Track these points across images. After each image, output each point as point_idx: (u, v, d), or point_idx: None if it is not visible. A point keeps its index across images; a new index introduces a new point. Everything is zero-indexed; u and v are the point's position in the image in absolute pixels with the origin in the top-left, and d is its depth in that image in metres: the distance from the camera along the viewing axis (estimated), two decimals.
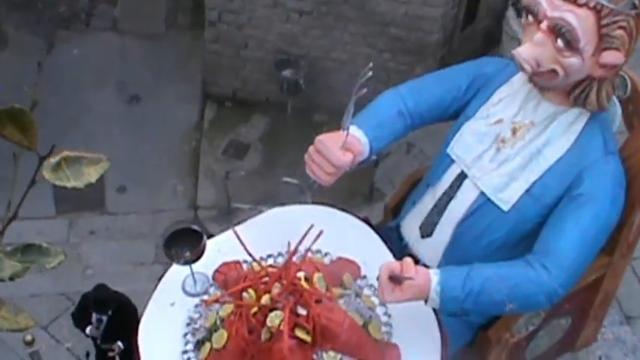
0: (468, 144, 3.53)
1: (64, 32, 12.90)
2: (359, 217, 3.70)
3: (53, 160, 1.80)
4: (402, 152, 11.59)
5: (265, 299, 3.17)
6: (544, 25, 3.02)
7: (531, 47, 3.04)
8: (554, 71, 3.11)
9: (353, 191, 10.99)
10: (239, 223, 3.79)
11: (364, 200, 11.31)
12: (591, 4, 2.93)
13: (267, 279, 3.25)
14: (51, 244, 1.85)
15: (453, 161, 3.61)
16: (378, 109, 3.64)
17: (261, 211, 10.61)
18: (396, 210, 4.14)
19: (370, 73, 3.33)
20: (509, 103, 3.47)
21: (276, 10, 11.33)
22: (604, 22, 2.94)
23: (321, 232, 3.16)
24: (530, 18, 3.14)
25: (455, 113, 3.67)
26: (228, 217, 10.11)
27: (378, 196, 11.55)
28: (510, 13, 11.84)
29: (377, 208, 11.56)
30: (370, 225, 3.68)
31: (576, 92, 3.17)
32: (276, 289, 3.19)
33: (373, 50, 11.25)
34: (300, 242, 3.14)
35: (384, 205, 4.35)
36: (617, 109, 3.53)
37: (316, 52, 11.54)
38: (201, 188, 9.57)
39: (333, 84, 11.74)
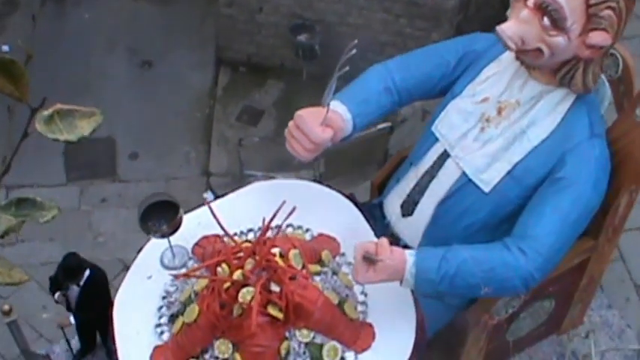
0: (452, 122, 3.43)
1: None
2: (344, 194, 3.66)
3: (46, 112, 1.77)
4: (417, 119, 11.54)
5: (237, 275, 3.14)
6: (531, 2, 2.94)
7: (517, 24, 2.96)
8: (539, 50, 3.01)
9: (367, 158, 10.97)
10: (219, 197, 3.75)
11: (379, 167, 11.25)
12: None
13: (241, 254, 3.21)
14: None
15: (437, 140, 3.51)
16: (364, 85, 3.53)
17: (273, 178, 10.61)
18: (382, 187, 4.09)
19: (354, 51, 3.27)
20: (496, 81, 3.38)
21: None
22: (592, 1, 2.88)
23: (294, 209, 3.10)
24: None
25: (443, 90, 3.56)
26: (241, 183, 10.07)
27: None
28: None
29: None
30: (355, 202, 3.64)
31: (562, 72, 3.09)
32: (249, 264, 3.15)
33: (389, 15, 11.19)
34: (273, 218, 3.09)
35: (371, 181, 4.30)
36: (607, 90, 3.46)
37: (332, 17, 11.58)
38: (214, 155, 9.55)
39: None
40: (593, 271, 4.23)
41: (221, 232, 3.29)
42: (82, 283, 5.74)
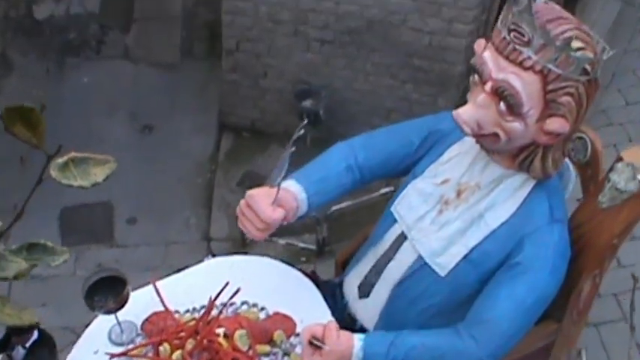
0: (411, 203, 3.43)
1: (74, 59, 13.02)
2: (304, 272, 3.62)
3: (61, 159, 1.77)
4: None
5: (177, 355, 3.09)
6: (488, 86, 2.90)
7: (473, 109, 2.93)
8: (496, 135, 2.97)
9: (370, 222, 10.86)
10: (169, 275, 3.71)
11: None
12: (537, 68, 2.78)
13: (183, 334, 3.16)
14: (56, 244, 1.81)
15: (395, 221, 3.51)
16: (325, 162, 3.55)
17: (275, 244, 10.53)
18: (347, 264, 4.06)
19: (302, 131, 3.30)
20: (458, 162, 3.36)
21: (297, 38, 11.36)
22: (550, 87, 2.81)
23: (238, 290, 3.07)
24: (477, 77, 3.05)
25: (406, 169, 3.57)
26: (242, 249, 10.05)
27: None
28: None
29: None
30: (316, 280, 3.60)
31: (521, 157, 3.07)
32: (190, 344, 3.10)
33: (396, 81, 11.23)
34: (217, 297, 3.04)
35: (335, 259, 4.28)
36: (572, 175, 3.44)
37: (338, 83, 11.49)
38: (215, 220, 9.51)
39: (355, 115, 11.80)
40: (558, 355, 4.16)
41: (173, 308, 3.25)
42: (28, 344, 5.67)
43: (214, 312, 3.16)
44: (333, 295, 3.80)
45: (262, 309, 3.47)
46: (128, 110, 12.06)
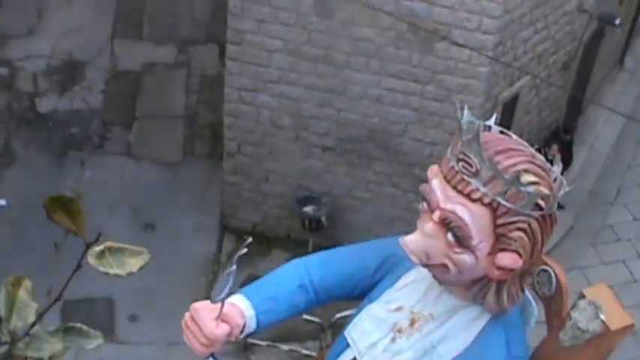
0: (365, 329, 3.29)
1: (76, 153, 13.39)
2: None
3: (98, 248, 2.00)
4: None
5: None
6: (436, 216, 2.74)
7: (421, 238, 2.80)
8: (445, 265, 2.84)
9: None
10: None
11: None
12: (486, 201, 2.64)
13: None
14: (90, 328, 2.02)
15: (348, 345, 3.49)
16: (279, 280, 3.39)
17: (278, 349, 10.60)
18: None
19: (245, 250, 3.26)
20: (412, 289, 3.21)
21: (298, 144, 11.64)
22: (500, 221, 2.67)
23: None
24: (426, 205, 2.78)
25: (363, 293, 3.41)
26: (244, 352, 10.14)
27: None
28: None
29: None
30: None
31: (474, 290, 2.93)
32: None
33: (397, 190, 11.51)
34: None
35: None
36: (534, 310, 3.26)
37: (339, 190, 11.83)
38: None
39: (356, 223, 12.16)
40: None
41: None
42: None
43: None
44: None
45: None
46: (130, 207, 12.29)
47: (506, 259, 2.70)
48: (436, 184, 2.75)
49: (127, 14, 14.14)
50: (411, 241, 2.80)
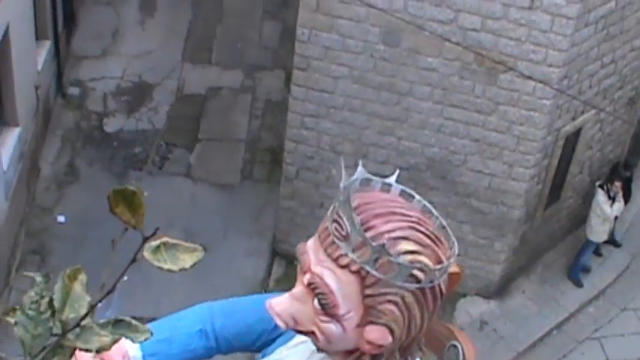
0: None
1: (137, 173, 13.59)
2: None
3: (154, 243, 1.90)
4: (474, 329, 11.42)
5: None
6: (305, 278, 2.46)
7: (289, 301, 2.50)
8: (314, 333, 2.57)
9: None
10: None
11: None
12: (354, 268, 2.35)
13: None
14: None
15: None
16: (178, 322, 3.18)
17: None
18: None
19: (126, 277, 3.03)
20: (301, 350, 2.97)
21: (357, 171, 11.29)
22: (368, 291, 2.38)
23: None
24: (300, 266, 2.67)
25: (262, 346, 3.26)
26: None
27: None
28: (600, 196, 11.72)
29: None
30: None
31: None
32: None
33: (453, 221, 11.34)
34: None
35: None
36: None
37: None
38: None
39: None
40: None
41: None
42: None
43: None
44: None
45: None
46: (184, 228, 12.28)
47: (374, 333, 2.41)
48: (311, 245, 2.43)
49: (197, 39, 14.30)
50: (277, 303, 2.52)
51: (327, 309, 2.40)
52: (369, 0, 9.58)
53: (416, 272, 2.29)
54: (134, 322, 1.88)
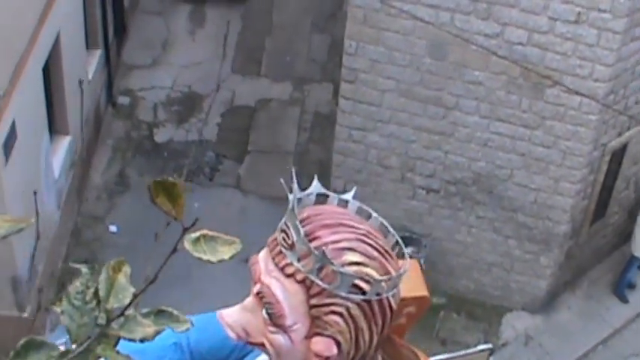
0: None
1: (187, 184, 13.60)
2: None
3: (194, 234, 2.01)
4: (519, 343, 11.39)
5: None
6: (255, 288, 2.44)
7: (240, 312, 2.50)
8: (264, 345, 2.55)
9: None
10: None
11: None
12: (299, 277, 2.34)
13: None
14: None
15: None
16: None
17: None
18: None
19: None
20: None
21: (404, 185, 11.62)
22: (313, 301, 2.36)
23: None
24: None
25: None
26: None
27: None
28: None
29: None
30: None
31: None
32: None
33: (499, 236, 11.38)
34: None
35: None
36: None
37: (440, 233, 11.76)
38: None
39: (455, 267, 12.09)
40: None
41: None
42: None
43: None
44: None
45: None
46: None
47: (320, 344, 2.39)
48: (262, 255, 2.43)
49: (247, 51, 14.42)
50: (228, 314, 2.51)
51: (275, 319, 2.39)
52: (416, 13, 9.66)
53: (360, 283, 2.28)
54: (175, 312, 1.94)
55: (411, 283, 2.78)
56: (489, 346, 10.71)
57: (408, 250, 5.45)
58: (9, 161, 9.44)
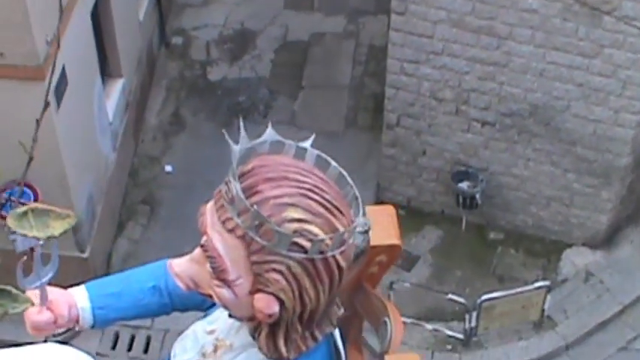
0: (185, 346, 2.96)
1: (241, 121, 13.73)
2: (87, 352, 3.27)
3: (19, 209, 1.83)
4: (579, 280, 11.10)
5: None
6: (202, 240, 2.41)
7: (187, 263, 2.48)
8: (212, 297, 2.51)
9: (523, 317, 10.60)
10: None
11: (534, 327, 10.87)
12: (238, 233, 2.27)
13: None
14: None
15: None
16: (132, 277, 3.11)
17: (422, 328, 10.22)
18: None
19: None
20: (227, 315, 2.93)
21: (458, 117, 11.26)
22: (254, 258, 2.29)
23: None
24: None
25: (209, 307, 3.09)
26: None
27: (548, 325, 11.04)
28: None
29: (546, 337, 11.12)
30: None
31: (250, 329, 2.54)
32: None
33: (557, 169, 10.95)
34: None
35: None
36: None
37: (496, 167, 11.45)
38: None
39: (512, 201, 11.76)
40: None
41: None
42: None
43: None
44: None
45: None
46: None
47: (261, 301, 2.32)
48: (209, 207, 2.35)
49: None
50: (177, 264, 2.47)
51: (217, 273, 2.31)
52: None
53: (300, 241, 2.17)
54: (15, 291, 1.93)
55: (384, 232, 2.83)
56: (547, 283, 10.43)
57: (463, 185, 5.25)
58: (61, 107, 9.39)
